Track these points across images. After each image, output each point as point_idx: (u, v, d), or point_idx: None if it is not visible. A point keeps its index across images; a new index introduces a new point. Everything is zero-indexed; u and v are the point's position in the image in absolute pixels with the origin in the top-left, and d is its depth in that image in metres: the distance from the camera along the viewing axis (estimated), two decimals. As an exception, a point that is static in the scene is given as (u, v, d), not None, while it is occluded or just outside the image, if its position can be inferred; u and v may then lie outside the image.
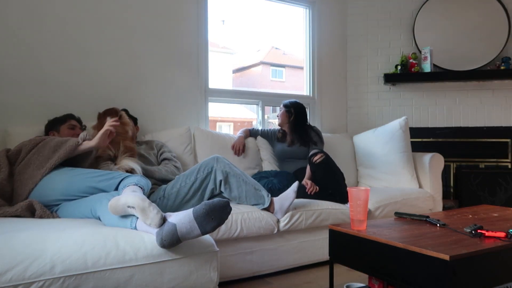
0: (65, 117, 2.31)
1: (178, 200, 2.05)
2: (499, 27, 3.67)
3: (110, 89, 2.77)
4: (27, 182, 1.82)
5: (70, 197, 1.76)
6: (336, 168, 2.64)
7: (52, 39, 2.58)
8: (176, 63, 3.03)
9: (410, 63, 3.75)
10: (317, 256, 2.41)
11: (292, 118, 2.97)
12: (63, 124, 2.27)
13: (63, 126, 2.26)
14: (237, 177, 2.09)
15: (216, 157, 2.10)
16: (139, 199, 1.38)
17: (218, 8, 3.43)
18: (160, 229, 1.34)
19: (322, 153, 2.62)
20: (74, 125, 2.29)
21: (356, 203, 1.59)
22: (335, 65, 3.92)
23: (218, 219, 1.34)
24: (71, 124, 2.28)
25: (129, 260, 1.31)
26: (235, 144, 2.92)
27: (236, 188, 2.09)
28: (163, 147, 2.57)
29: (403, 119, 3.18)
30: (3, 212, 1.74)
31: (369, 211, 2.55)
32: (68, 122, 2.28)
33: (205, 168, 2.07)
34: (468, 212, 2.02)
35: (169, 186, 2.11)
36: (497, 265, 1.39)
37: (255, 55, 16.62)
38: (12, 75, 2.47)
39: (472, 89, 3.77)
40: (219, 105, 3.50)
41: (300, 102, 3.05)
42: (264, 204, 2.15)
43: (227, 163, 2.10)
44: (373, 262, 1.49)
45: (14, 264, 1.16)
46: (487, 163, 3.72)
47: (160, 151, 2.53)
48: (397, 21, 3.89)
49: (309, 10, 3.82)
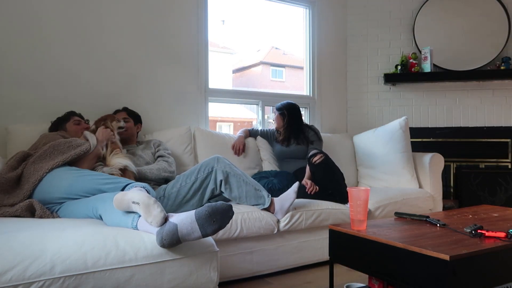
0: (67, 115, 2.35)
1: (178, 200, 2.05)
2: (499, 27, 3.67)
3: (110, 89, 2.77)
4: (34, 175, 1.82)
5: (73, 196, 1.76)
6: (335, 168, 2.63)
7: (52, 38, 2.58)
8: (176, 63, 3.03)
9: (410, 63, 3.75)
10: (317, 256, 2.41)
11: (287, 119, 2.96)
12: (67, 121, 2.31)
13: (68, 123, 2.30)
14: (237, 177, 2.08)
15: (216, 157, 2.10)
16: (145, 196, 1.39)
17: (218, 8, 3.43)
18: (161, 228, 1.34)
19: (321, 154, 2.62)
20: (79, 120, 2.33)
21: (356, 203, 1.59)
22: (335, 65, 3.92)
23: (220, 222, 1.34)
24: (76, 119, 2.32)
25: (129, 260, 1.31)
26: (235, 144, 2.92)
27: (237, 188, 2.08)
28: (160, 145, 2.57)
29: (403, 119, 3.18)
30: (3, 212, 1.74)
31: (369, 211, 2.55)
32: (72, 119, 2.32)
33: (205, 168, 2.07)
34: (468, 212, 2.02)
35: (169, 186, 2.11)
36: (497, 265, 1.39)
37: (255, 55, 16.61)
38: (12, 73, 2.47)
39: (472, 89, 3.77)
40: (219, 105, 3.50)
41: (292, 103, 3.04)
42: (264, 204, 2.15)
43: (227, 163, 2.10)
44: (373, 262, 1.49)
45: (14, 264, 1.16)
46: (487, 163, 3.72)
47: (156, 149, 2.53)
48: (397, 21, 3.89)
49: (309, 10, 3.82)
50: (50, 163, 1.84)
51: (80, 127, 2.28)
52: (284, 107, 3.00)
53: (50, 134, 2.14)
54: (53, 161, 1.86)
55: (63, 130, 2.28)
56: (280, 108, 3.00)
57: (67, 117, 2.33)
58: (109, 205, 1.52)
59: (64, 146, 1.94)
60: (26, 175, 1.85)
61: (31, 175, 1.83)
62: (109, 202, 1.52)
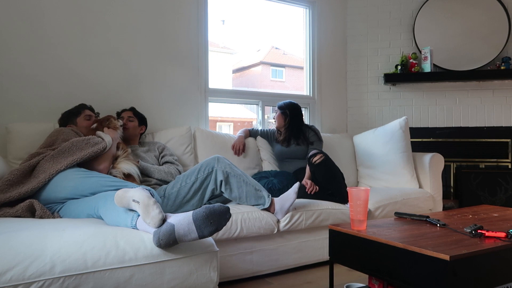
0: (78, 109, 2.33)
1: (179, 200, 2.05)
2: (499, 27, 3.67)
3: (110, 89, 2.77)
4: (51, 168, 1.82)
5: (78, 196, 1.76)
6: (335, 168, 2.63)
7: (52, 38, 2.58)
8: (176, 63, 3.03)
9: (410, 63, 3.75)
10: (317, 256, 2.41)
11: (288, 119, 2.96)
12: (78, 116, 2.29)
13: (79, 118, 2.29)
14: (237, 177, 2.08)
15: (217, 157, 2.10)
16: (146, 195, 1.39)
17: (218, 8, 3.43)
18: (158, 228, 1.34)
19: (321, 154, 2.61)
20: (90, 115, 2.32)
21: (356, 203, 1.59)
22: (335, 65, 3.92)
23: (217, 224, 1.34)
24: (87, 114, 2.31)
25: (129, 260, 1.31)
26: (235, 144, 2.92)
27: (237, 189, 2.08)
28: (164, 149, 2.57)
29: (403, 119, 3.18)
30: (3, 213, 1.74)
31: (369, 211, 2.55)
32: (83, 114, 2.30)
33: (205, 168, 2.07)
34: (468, 212, 2.02)
35: (169, 186, 2.11)
36: (497, 265, 1.39)
37: (255, 55, 16.60)
38: (13, 73, 2.47)
39: (472, 89, 3.77)
40: (219, 105, 3.50)
41: (294, 102, 3.04)
42: (264, 204, 2.14)
43: (228, 163, 2.09)
44: (373, 262, 1.49)
45: (14, 264, 1.16)
46: (487, 163, 3.72)
47: (161, 153, 2.53)
48: (397, 21, 3.89)
49: (309, 10, 3.82)
50: (69, 159, 1.84)
51: (90, 123, 2.27)
52: (286, 107, 2.99)
53: (66, 130, 2.10)
54: (72, 157, 1.85)
55: (73, 124, 2.27)
56: (282, 107, 3.00)
57: (77, 111, 2.31)
58: (110, 204, 1.53)
59: (82, 143, 1.93)
60: (41, 168, 1.84)
61: (48, 168, 1.82)
62: (110, 201, 1.52)
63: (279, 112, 3.00)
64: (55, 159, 1.86)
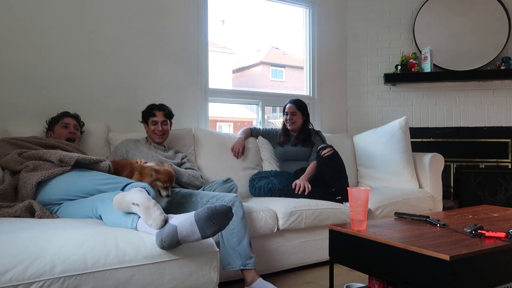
0: (59, 116, 2.33)
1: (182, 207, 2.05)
2: (499, 27, 3.66)
3: (110, 89, 2.77)
4: (33, 179, 1.81)
5: (72, 197, 1.75)
6: (343, 165, 2.62)
7: (52, 38, 2.58)
8: (176, 63, 3.03)
9: (410, 63, 3.75)
10: (317, 256, 2.41)
11: (304, 120, 2.96)
12: (57, 123, 2.29)
13: (57, 126, 2.28)
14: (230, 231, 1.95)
15: (236, 197, 1.99)
16: (145, 197, 1.38)
17: (218, 8, 3.43)
18: (161, 230, 1.33)
19: (331, 148, 2.62)
20: (67, 123, 2.29)
21: (356, 203, 1.59)
22: (335, 65, 3.92)
23: (219, 224, 1.34)
24: (64, 122, 2.29)
25: (129, 261, 1.31)
26: (235, 146, 2.90)
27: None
28: (185, 157, 2.54)
29: (403, 119, 3.18)
30: (2, 213, 1.73)
31: (369, 211, 2.55)
32: (61, 121, 2.29)
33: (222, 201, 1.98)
34: (468, 212, 2.02)
35: (183, 194, 2.09)
36: (497, 265, 1.39)
37: (255, 55, 16.58)
38: (12, 74, 2.46)
39: (472, 89, 3.77)
40: (219, 105, 3.50)
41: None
42: (241, 266, 1.93)
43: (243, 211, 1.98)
44: (373, 262, 1.49)
45: (14, 264, 1.16)
46: (487, 163, 3.72)
47: (182, 160, 2.49)
48: (397, 21, 3.89)
49: (309, 10, 3.82)
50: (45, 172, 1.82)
51: (66, 131, 2.25)
52: (305, 108, 2.97)
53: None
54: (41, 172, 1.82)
55: (52, 132, 2.28)
56: (303, 108, 2.95)
57: (58, 118, 2.31)
58: (108, 205, 1.51)
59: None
60: (22, 182, 1.83)
61: (29, 179, 1.81)
62: (109, 202, 1.51)
63: (300, 113, 2.94)
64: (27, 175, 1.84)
